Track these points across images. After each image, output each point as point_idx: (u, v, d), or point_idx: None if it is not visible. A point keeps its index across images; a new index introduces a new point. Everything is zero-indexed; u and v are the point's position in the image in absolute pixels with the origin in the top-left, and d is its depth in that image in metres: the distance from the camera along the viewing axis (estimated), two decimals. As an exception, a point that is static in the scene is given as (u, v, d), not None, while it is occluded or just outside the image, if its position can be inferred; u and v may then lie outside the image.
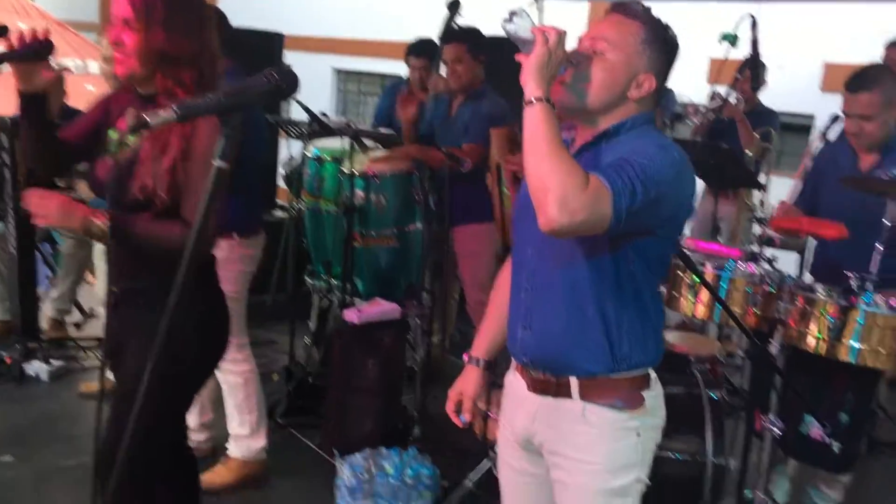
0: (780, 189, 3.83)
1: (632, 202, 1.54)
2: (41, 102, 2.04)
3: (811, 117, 6.31)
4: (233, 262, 3.07)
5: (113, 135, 2.02)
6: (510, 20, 1.58)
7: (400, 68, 12.24)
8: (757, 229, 2.61)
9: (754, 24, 2.88)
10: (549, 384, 1.77)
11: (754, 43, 2.82)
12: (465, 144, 3.80)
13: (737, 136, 4.33)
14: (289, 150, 4.97)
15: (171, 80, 1.95)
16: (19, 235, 3.95)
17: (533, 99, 1.55)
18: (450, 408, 2.03)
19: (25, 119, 2.05)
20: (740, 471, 2.53)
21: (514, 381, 1.90)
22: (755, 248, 2.55)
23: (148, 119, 1.17)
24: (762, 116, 4.61)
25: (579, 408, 1.74)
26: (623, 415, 1.74)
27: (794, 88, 5.79)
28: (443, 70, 4.63)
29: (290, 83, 1.28)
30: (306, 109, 4.16)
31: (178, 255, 1.72)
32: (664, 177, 1.60)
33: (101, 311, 4.07)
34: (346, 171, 3.85)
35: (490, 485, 3.23)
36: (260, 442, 3.29)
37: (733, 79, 4.11)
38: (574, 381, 1.74)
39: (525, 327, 1.80)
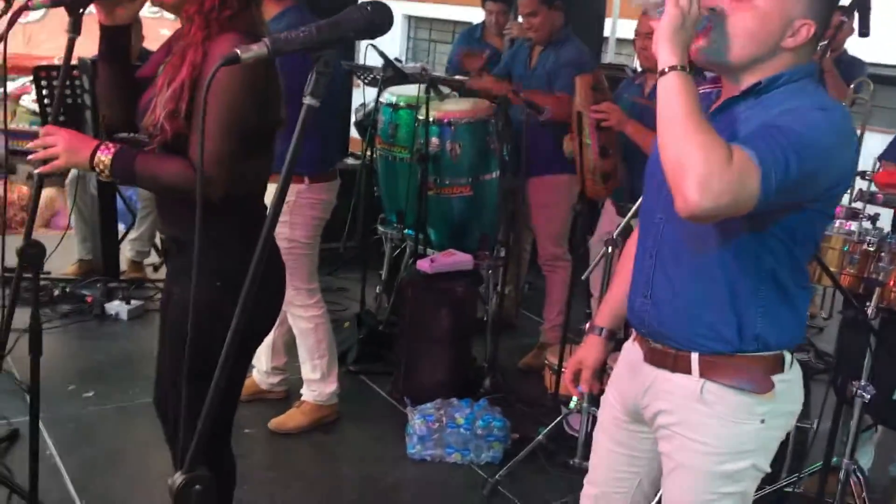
0: (875, 147, 3.63)
1: (785, 178, 1.38)
2: (124, 37, 1.95)
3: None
4: (303, 206, 3.06)
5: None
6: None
7: (471, 14, 12.07)
8: (860, 183, 2.46)
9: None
10: (668, 356, 1.65)
11: (861, -17, 2.62)
12: (557, 93, 3.67)
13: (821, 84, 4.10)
14: (363, 96, 4.93)
15: (195, 6, 1.79)
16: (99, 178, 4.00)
17: (667, 68, 1.41)
18: (567, 377, 1.96)
19: (107, 56, 1.95)
20: (830, 437, 2.43)
21: (631, 348, 1.79)
22: (857, 204, 2.41)
23: (239, 53, 1.12)
24: (852, 67, 4.34)
25: (697, 385, 1.61)
26: (747, 398, 1.59)
27: (883, 37, 5.46)
28: (520, 18, 4.51)
29: (383, 18, 1.21)
30: (382, 55, 4.11)
31: (207, 202, 1.62)
32: (824, 145, 1.43)
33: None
34: (421, 117, 3.78)
35: (561, 439, 3.21)
36: (331, 386, 3.32)
37: (832, 27, 3.87)
38: (695, 357, 1.61)
39: (646, 296, 1.68)
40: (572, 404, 3.10)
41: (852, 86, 4.21)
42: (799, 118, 1.43)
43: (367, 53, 4.60)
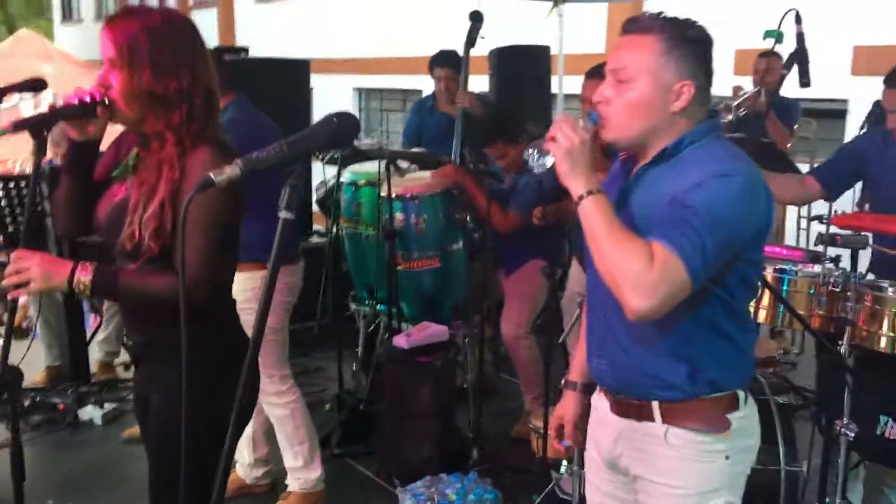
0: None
1: (705, 257, 1.50)
2: (93, 152, 1.97)
3: (845, 101, 6.20)
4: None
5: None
6: (535, 163, 1.62)
7: (419, 83, 12.28)
8: (819, 227, 2.53)
9: (798, 19, 2.81)
10: (632, 407, 1.73)
11: (800, 37, 2.75)
12: (511, 212, 3.75)
13: (760, 130, 4.21)
14: (323, 173, 4.97)
15: (162, 122, 1.82)
16: (64, 282, 3.95)
17: (578, 197, 1.56)
18: (552, 435, 2.03)
19: (74, 168, 1.95)
20: (821, 478, 2.44)
21: (599, 402, 1.85)
22: (818, 248, 2.48)
23: (213, 177, 1.14)
24: (790, 110, 4.49)
25: (662, 431, 1.69)
26: (708, 438, 1.67)
27: (824, 73, 5.70)
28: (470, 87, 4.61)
29: (350, 127, 1.24)
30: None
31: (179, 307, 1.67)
32: (733, 214, 1.53)
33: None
34: (383, 194, 3.82)
35: (555, 503, 3.18)
36: (316, 472, 3.25)
37: (760, 72, 4.04)
38: (656, 405, 1.69)
39: (600, 356, 1.76)
40: (563, 469, 3.09)
41: (795, 127, 4.37)
42: (705, 193, 1.53)
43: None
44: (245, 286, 2.40)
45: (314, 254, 4.52)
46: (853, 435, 2.57)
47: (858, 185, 3.15)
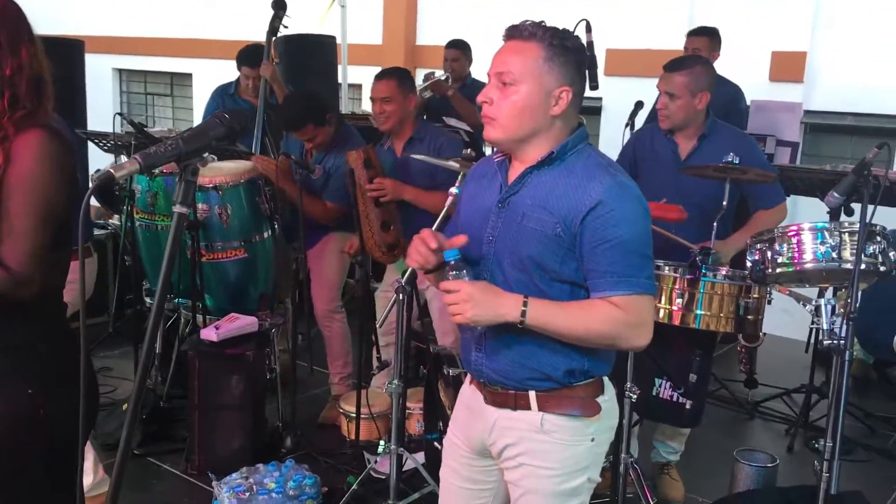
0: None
1: (650, 272, 1.74)
2: None
3: (599, 100, 6.84)
4: (73, 282, 2.88)
5: None
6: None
7: (186, 66, 11.77)
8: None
9: (589, 28, 3.14)
10: (508, 397, 1.84)
11: (590, 45, 3.08)
12: (329, 203, 3.81)
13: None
14: (116, 163, 4.70)
15: None
16: None
17: (520, 322, 1.69)
18: (421, 244, 1.88)
19: None
20: (617, 437, 2.78)
21: (470, 392, 1.96)
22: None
23: (113, 172, 1.12)
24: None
25: (538, 418, 1.82)
26: (580, 422, 1.82)
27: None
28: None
29: (242, 123, 1.27)
30: (132, 123, 3.97)
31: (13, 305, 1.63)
32: (645, 223, 1.75)
33: None
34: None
35: (370, 483, 3.31)
36: (87, 477, 3.06)
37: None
38: (532, 395, 1.82)
39: (478, 349, 1.87)
40: (380, 449, 3.22)
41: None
42: (620, 219, 1.69)
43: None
44: None
45: (96, 247, 4.28)
46: (635, 397, 2.93)
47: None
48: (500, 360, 1.83)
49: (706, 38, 4.71)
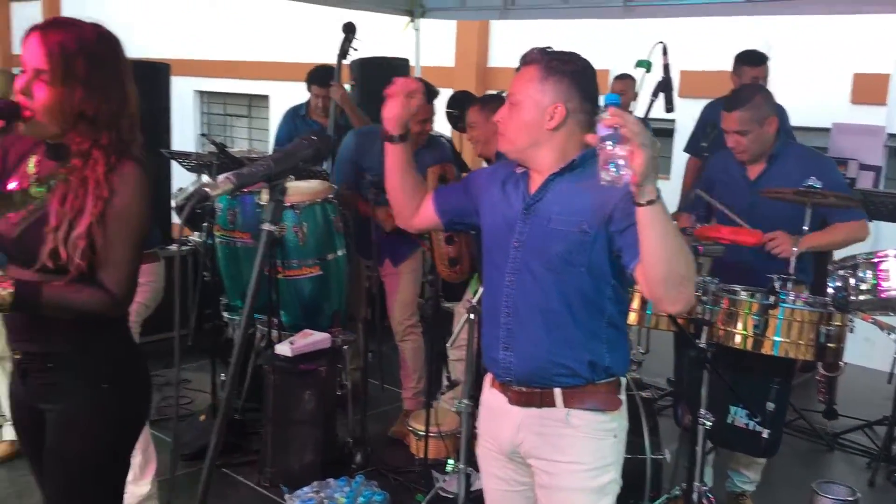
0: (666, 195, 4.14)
1: None
2: None
3: (672, 121, 6.77)
4: (147, 283, 3.03)
5: (15, 186, 1.90)
6: (608, 175, 1.58)
7: (263, 88, 12.10)
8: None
9: (665, 51, 3.13)
10: (534, 395, 1.93)
11: (666, 68, 3.08)
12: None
13: None
14: (201, 180, 4.86)
15: (89, 141, 1.81)
16: None
17: (648, 202, 1.59)
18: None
19: None
20: (689, 465, 2.74)
21: (492, 397, 2.03)
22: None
23: (209, 191, 1.19)
24: None
25: (563, 414, 1.91)
26: (604, 416, 1.91)
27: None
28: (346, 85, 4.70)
29: (327, 145, 1.33)
30: (215, 143, 4.11)
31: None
32: None
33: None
34: (262, 202, 3.82)
35: (439, 502, 3.32)
36: (144, 488, 3.13)
37: (617, 92, 4.44)
38: (558, 392, 1.90)
39: (507, 348, 1.94)
40: (449, 468, 3.24)
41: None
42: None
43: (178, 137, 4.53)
44: None
45: (175, 263, 4.42)
46: (710, 424, 2.87)
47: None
48: (531, 359, 1.91)
49: (762, 67, 4.54)
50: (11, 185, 1.91)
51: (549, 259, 1.87)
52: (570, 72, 1.88)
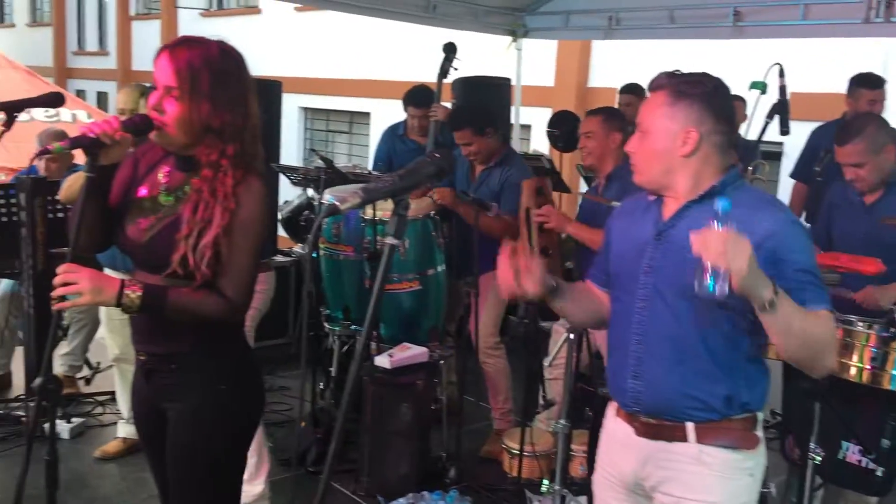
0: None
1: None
2: (111, 175, 2.01)
3: (780, 144, 6.57)
4: (261, 292, 3.15)
5: (145, 193, 2.01)
6: (711, 289, 1.58)
7: (365, 105, 12.35)
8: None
9: (782, 73, 3.07)
10: (664, 428, 1.84)
11: (783, 89, 3.01)
12: (505, 215, 3.87)
13: None
14: (307, 195, 5.02)
15: (217, 152, 1.91)
16: (36, 295, 3.91)
17: (769, 303, 1.60)
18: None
19: (95, 192, 1.95)
20: (797, 500, 2.64)
21: (616, 426, 1.96)
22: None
23: (339, 205, 1.24)
24: (747, 150, 4.80)
25: (695, 450, 1.81)
26: (739, 455, 1.81)
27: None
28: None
29: (449, 162, 1.36)
30: (323, 159, 4.24)
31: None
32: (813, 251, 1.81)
33: (111, 366, 4.02)
34: (367, 217, 3.90)
35: (533, 523, 3.30)
36: (258, 487, 3.22)
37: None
38: (690, 426, 1.81)
39: (636, 377, 1.87)
40: (544, 488, 3.22)
41: (749, 168, 4.65)
42: (797, 248, 1.75)
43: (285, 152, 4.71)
44: None
45: (279, 273, 4.57)
46: (820, 459, 2.76)
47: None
48: (661, 389, 1.84)
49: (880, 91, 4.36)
50: (142, 192, 2.02)
51: (682, 288, 1.76)
52: (701, 94, 1.81)
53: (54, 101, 2.48)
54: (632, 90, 5.60)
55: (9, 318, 4.28)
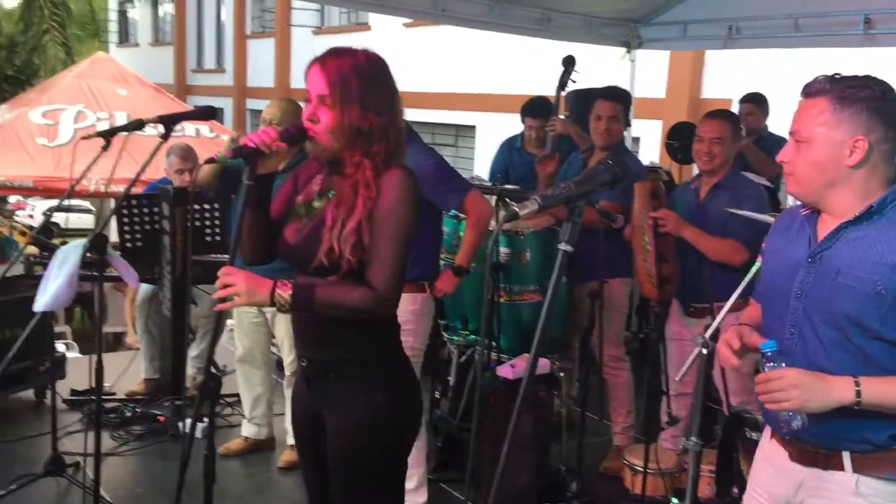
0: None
1: None
2: (270, 184, 2.10)
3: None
4: (423, 316, 3.22)
5: (300, 200, 2.11)
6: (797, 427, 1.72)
7: (470, 118, 12.41)
8: None
9: None
10: (819, 456, 1.79)
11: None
12: (603, 201, 3.83)
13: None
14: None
15: (361, 153, 1.97)
16: (174, 299, 4.11)
17: (857, 401, 1.66)
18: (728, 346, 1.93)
19: (256, 203, 2.05)
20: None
21: (772, 449, 1.92)
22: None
23: (518, 211, 1.27)
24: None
25: (852, 480, 1.75)
26: None
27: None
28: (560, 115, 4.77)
29: (624, 170, 1.37)
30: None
31: (363, 324, 1.89)
32: None
33: (236, 368, 4.19)
34: (490, 229, 3.93)
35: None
36: (421, 497, 3.33)
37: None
38: (846, 455, 1.76)
39: None
40: (673, 505, 3.16)
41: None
42: None
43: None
44: (405, 307, 2.52)
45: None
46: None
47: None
48: (816, 418, 1.75)
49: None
50: (298, 201, 2.12)
51: (833, 316, 1.72)
52: (869, 99, 1.71)
53: (208, 114, 2.62)
54: (753, 99, 5.46)
55: (147, 322, 4.51)
